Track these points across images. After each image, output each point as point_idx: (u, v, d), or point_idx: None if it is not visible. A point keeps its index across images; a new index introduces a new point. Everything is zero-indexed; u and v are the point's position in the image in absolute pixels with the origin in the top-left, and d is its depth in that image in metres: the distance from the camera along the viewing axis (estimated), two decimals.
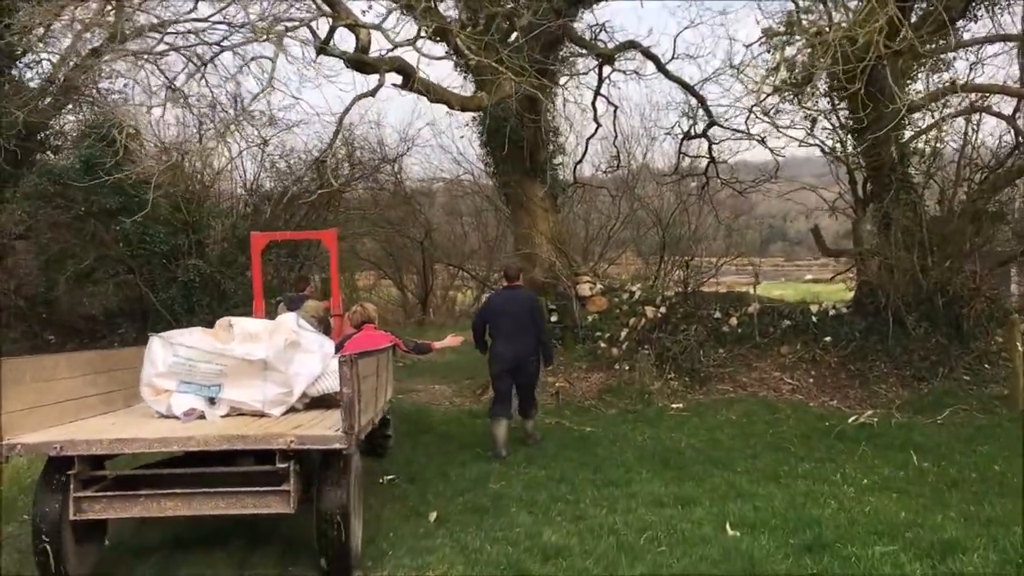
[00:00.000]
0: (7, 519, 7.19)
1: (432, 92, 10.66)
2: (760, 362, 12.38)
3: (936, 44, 10.40)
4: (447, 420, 11.28)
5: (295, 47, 14.31)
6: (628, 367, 12.45)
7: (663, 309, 12.89)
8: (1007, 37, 11.89)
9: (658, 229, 18.65)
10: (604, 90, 15.46)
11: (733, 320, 12.77)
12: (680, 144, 16.47)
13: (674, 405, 11.44)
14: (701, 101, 15.07)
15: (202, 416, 6.16)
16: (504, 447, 9.20)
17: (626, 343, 12.85)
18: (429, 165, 36.85)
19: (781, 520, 6.46)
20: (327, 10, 9.22)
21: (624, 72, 15.48)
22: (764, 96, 11.38)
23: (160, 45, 14.95)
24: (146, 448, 5.49)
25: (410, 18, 9.31)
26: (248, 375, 6.30)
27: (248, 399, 6.30)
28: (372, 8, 26.73)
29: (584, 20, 14.47)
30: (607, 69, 15.13)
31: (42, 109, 15.35)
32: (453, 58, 12.52)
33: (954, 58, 12.33)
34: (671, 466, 8.50)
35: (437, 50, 10.44)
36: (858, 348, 12.04)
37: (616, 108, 16.13)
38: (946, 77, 12.06)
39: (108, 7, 14.22)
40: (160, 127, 16.41)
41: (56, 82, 15.57)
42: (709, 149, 16.01)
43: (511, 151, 13.14)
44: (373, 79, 9.67)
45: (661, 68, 14.96)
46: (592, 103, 15.72)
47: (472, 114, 13.97)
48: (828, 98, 13.12)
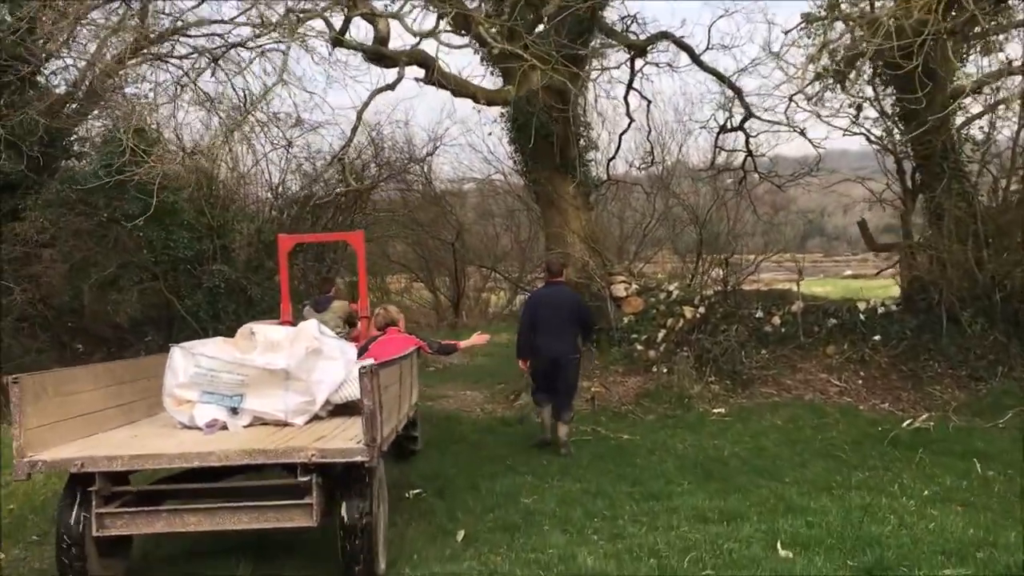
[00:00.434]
0: (16, 539, 6.87)
1: (456, 86, 10.24)
2: (805, 363, 11.79)
3: (990, 24, 9.76)
4: (478, 428, 10.84)
5: (321, 47, 13.85)
6: (666, 370, 11.93)
7: (702, 309, 12.34)
8: None
9: (695, 226, 18.18)
10: (636, 84, 15.01)
11: (776, 319, 12.19)
12: (716, 138, 15.99)
13: (715, 410, 10.91)
14: (737, 92, 14.53)
15: (224, 427, 6.15)
16: (549, 431, 9.40)
17: (664, 345, 12.32)
18: (459, 165, 36.53)
19: (837, 539, 5.93)
20: None
21: (657, 65, 15.04)
22: (807, 83, 10.79)
23: (182, 47, 14.93)
24: (167, 464, 5.49)
25: (430, 8, 8.86)
26: (270, 385, 6.27)
27: (270, 409, 6.28)
28: None
29: (615, 11, 14.05)
30: (639, 63, 14.71)
31: (67, 115, 15.22)
32: (475, 46, 12.11)
33: (1006, 39, 11.68)
34: (714, 477, 8.00)
35: (459, 40, 9.97)
36: (909, 347, 11.40)
37: (649, 102, 15.67)
38: (1000, 58, 11.40)
39: (131, 12, 14.12)
40: (184, 130, 16.28)
41: (81, 88, 15.44)
42: (746, 142, 15.47)
43: (541, 147, 12.67)
44: (395, 74, 9.36)
45: (695, 59, 14.46)
46: (624, 97, 15.32)
47: (500, 110, 13.56)
48: (873, 84, 12.50)
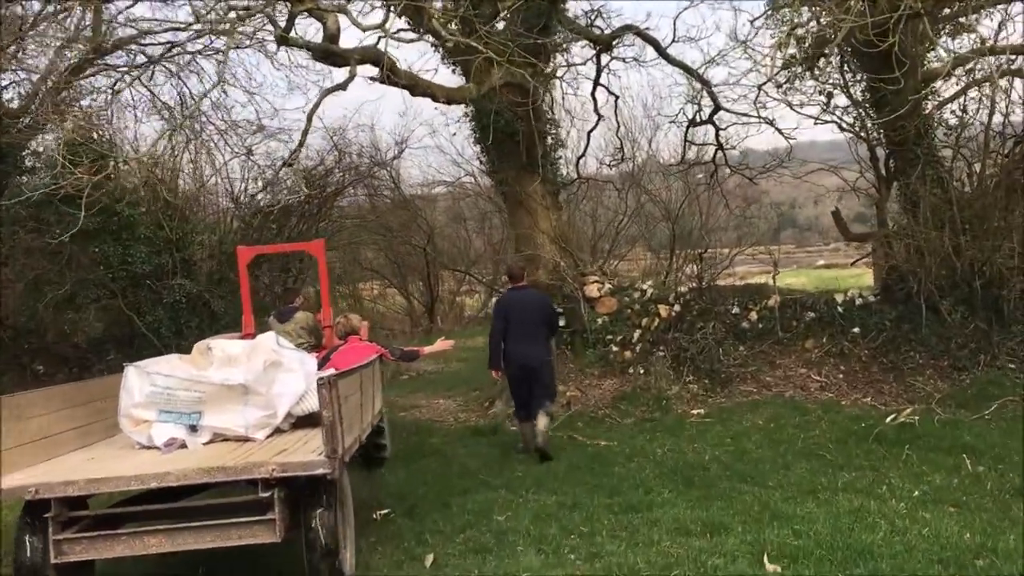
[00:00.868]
0: None
1: (412, 83, 9.83)
2: (784, 359, 11.47)
3: (969, 2, 9.46)
4: (450, 439, 10.45)
5: (280, 52, 13.44)
6: (643, 371, 11.59)
7: (677, 307, 12.01)
8: None
9: (668, 222, 17.91)
10: (604, 80, 14.72)
11: (753, 315, 11.87)
12: (685, 132, 15.76)
13: (694, 411, 10.57)
14: (705, 85, 14.25)
15: (183, 445, 6.08)
16: (531, 442, 9.14)
17: (639, 345, 11.97)
18: (429, 168, 36.15)
19: (827, 549, 5.61)
20: None
21: (624, 60, 14.77)
22: (776, 72, 10.50)
23: (140, 57, 14.49)
24: (124, 486, 5.40)
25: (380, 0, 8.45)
26: (228, 400, 6.22)
27: (230, 424, 6.22)
28: None
29: (579, 6, 13.77)
30: (605, 58, 14.42)
31: (19, 130, 14.69)
32: (427, 39, 11.72)
33: (977, 19, 11.42)
34: (695, 484, 7.65)
35: (410, 35, 9.56)
36: (890, 339, 11.10)
37: (617, 98, 15.40)
38: (973, 38, 11.13)
39: (84, 24, 13.65)
40: (146, 142, 15.82)
41: (34, 101, 14.92)
42: (716, 136, 15.25)
43: (506, 146, 12.31)
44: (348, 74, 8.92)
45: (661, 52, 14.15)
46: (592, 94, 15.03)
47: (464, 110, 13.18)
48: (842, 71, 12.24)
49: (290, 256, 15.14)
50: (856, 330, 11.37)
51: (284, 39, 8.27)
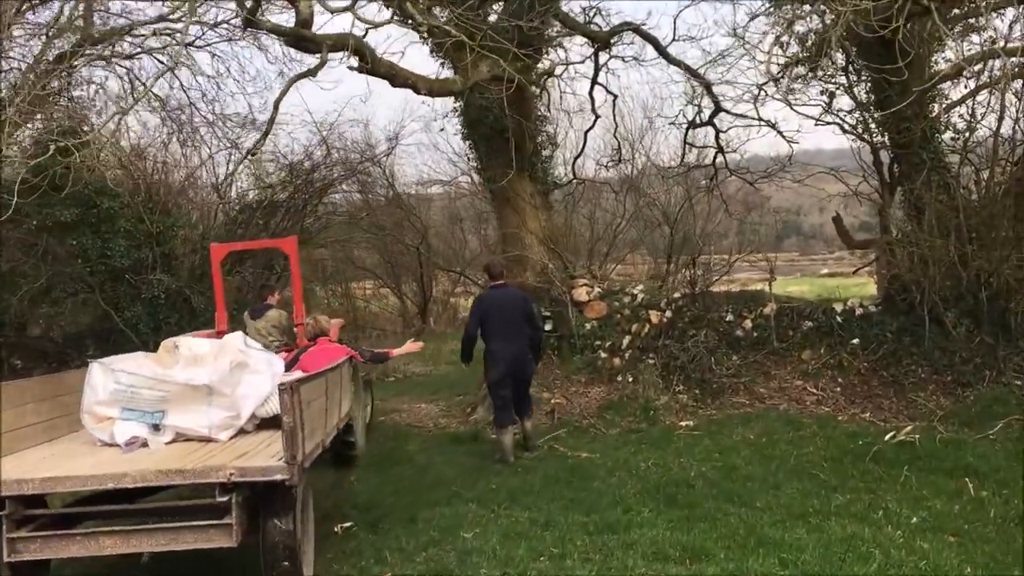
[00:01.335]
0: None
1: (395, 75, 9.37)
2: (779, 370, 10.98)
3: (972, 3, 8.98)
4: (427, 447, 9.98)
5: (274, 44, 13.04)
6: (631, 379, 11.11)
7: (669, 313, 11.53)
8: None
9: (666, 227, 17.43)
10: (602, 79, 14.28)
11: (747, 323, 11.39)
12: (685, 134, 15.31)
13: (682, 423, 10.09)
14: (706, 86, 13.80)
15: (145, 444, 6.04)
16: (511, 453, 8.95)
17: (629, 352, 11.50)
18: (424, 168, 35.67)
19: None
20: None
21: (623, 59, 14.36)
22: (778, 71, 10.04)
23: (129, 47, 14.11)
24: (80, 486, 5.35)
25: None
26: (192, 400, 6.19)
27: (194, 425, 6.19)
28: None
29: (578, 3, 13.36)
30: (604, 57, 13.99)
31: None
32: (397, 20, 11.29)
33: (987, 20, 10.92)
34: (678, 503, 7.17)
35: (381, 17, 9.06)
36: (890, 351, 10.61)
37: (616, 97, 14.95)
38: (986, 36, 10.62)
39: (76, 14, 13.27)
40: (128, 134, 15.43)
41: (23, 92, 14.53)
42: (716, 138, 14.80)
43: (495, 143, 11.90)
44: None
45: (661, 51, 13.71)
46: (590, 93, 14.61)
47: (453, 104, 12.75)
48: (847, 71, 11.76)
49: (274, 253, 14.74)
50: (855, 341, 10.89)
51: (250, 21, 7.82)
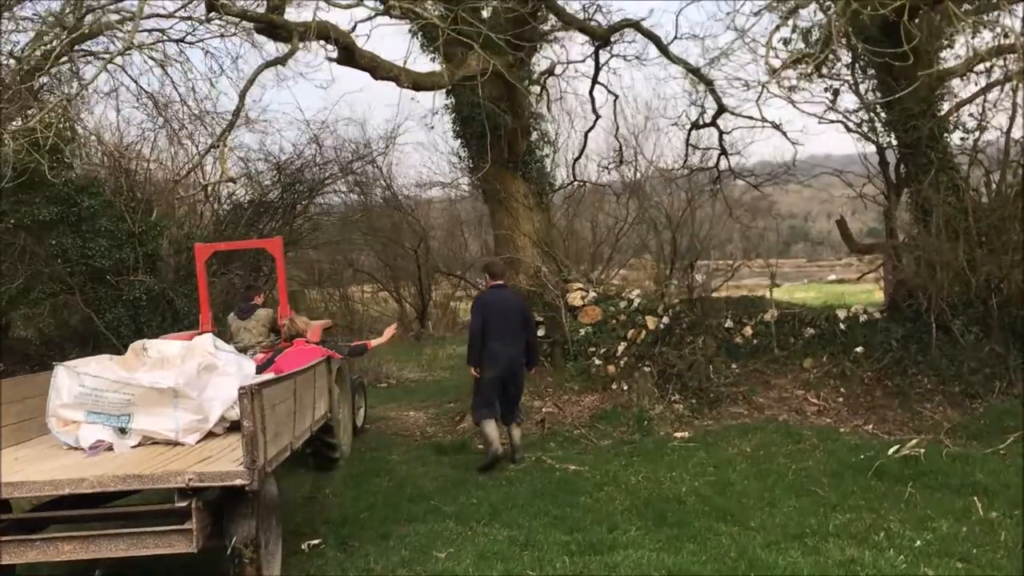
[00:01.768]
0: None
1: (376, 67, 8.98)
2: (780, 379, 10.54)
3: None
4: (410, 457, 9.54)
5: (268, 42, 12.69)
6: (626, 387, 10.69)
7: (666, 319, 11.10)
8: None
9: (669, 230, 17.01)
10: (603, 78, 13.93)
11: (747, 330, 10.95)
12: (688, 135, 14.89)
13: (677, 434, 9.64)
14: (708, 85, 13.38)
15: (110, 448, 5.99)
16: (498, 443, 8.79)
17: (624, 359, 11.07)
18: (425, 169, 35.20)
19: None
20: None
21: (625, 58, 14.02)
22: (781, 67, 9.61)
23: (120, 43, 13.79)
24: (37, 492, 5.27)
25: None
26: (158, 403, 6.12)
27: (160, 428, 6.13)
28: None
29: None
30: (605, 56, 13.64)
31: None
32: (416, 33, 11.00)
33: (999, 16, 10.47)
34: (667, 521, 6.74)
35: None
36: (896, 360, 10.16)
37: (616, 97, 14.58)
38: (997, 31, 10.20)
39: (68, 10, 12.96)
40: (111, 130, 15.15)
41: (12, 87, 14.22)
42: (720, 139, 14.38)
43: (487, 141, 11.47)
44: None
45: (662, 48, 13.29)
46: (590, 92, 14.25)
47: (445, 101, 12.37)
48: (852, 69, 11.34)
49: (262, 255, 14.40)
50: (859, 349, 10.44)
51: (212, 5, 7.43)
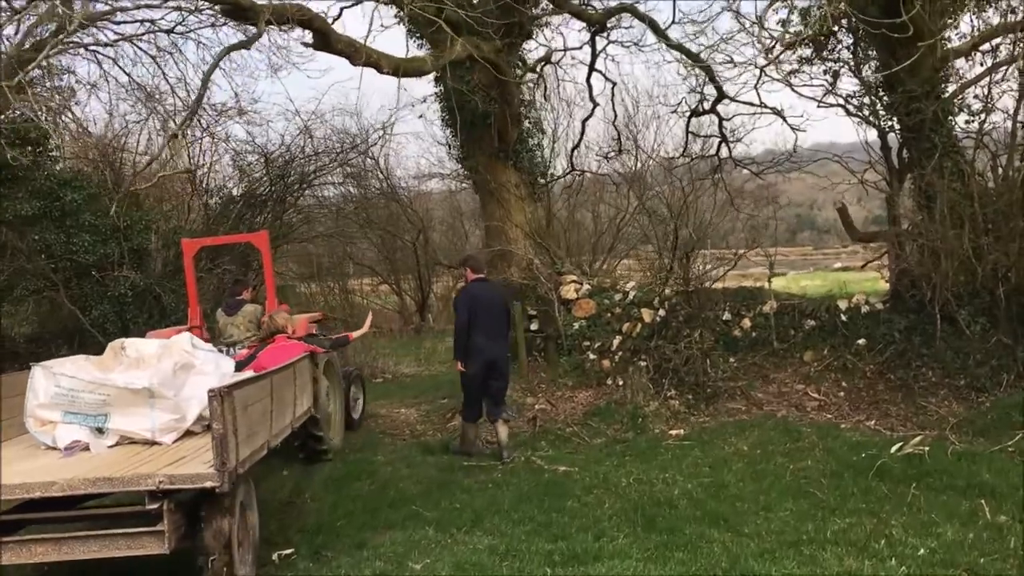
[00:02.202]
0: None
1: (355, 52, 8.64)
2: (779, 372, 10.21)
3: None
4: (396, 458, 9.20)
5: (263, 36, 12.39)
6: (621, 383, 10.36)
7: (662, 312, 10.76)
8: None
9: (670, 221, 16.69)
10: (600, 65, 13.67)
11: (746, 322, 10.61)
12: (687, 123, 14.62)
13: (673, 431, 9.30)
14: (706, 71, 13.05)
15: (87, 448, 6.01)
16: (480, 441, 9.14)
17: (619, 353, 10.75)
18: (424, 161, 34.82)
19: None
20: None
21: (622, 44, 13.82)
22: (780, 50, 9.27)
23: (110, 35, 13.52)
24: (7, 495, 5.23)
25: None
26: (133, 403, 6.14)
27: (137, 428, 6.15)
28: None
29: None
30: (601, 42, 13.37)
31: None
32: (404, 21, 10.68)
33: None
34: (657, 526, 6.42)
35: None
36: (899, 353, 9.81)
37: (614, 85, 14.32)
38: (1002, 7, 9.79)
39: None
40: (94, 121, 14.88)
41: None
42: (720, 126, 14.09)
43: (477, 130, 11.20)
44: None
45: (659, 33, 13.00)
46: (587, 79, 14.03)
47: (434, 89, 12.05)
48: (854, 51, 10.96)
49: (251, 250, 14.12)
50: (861, 342, 10.12)
51: None
